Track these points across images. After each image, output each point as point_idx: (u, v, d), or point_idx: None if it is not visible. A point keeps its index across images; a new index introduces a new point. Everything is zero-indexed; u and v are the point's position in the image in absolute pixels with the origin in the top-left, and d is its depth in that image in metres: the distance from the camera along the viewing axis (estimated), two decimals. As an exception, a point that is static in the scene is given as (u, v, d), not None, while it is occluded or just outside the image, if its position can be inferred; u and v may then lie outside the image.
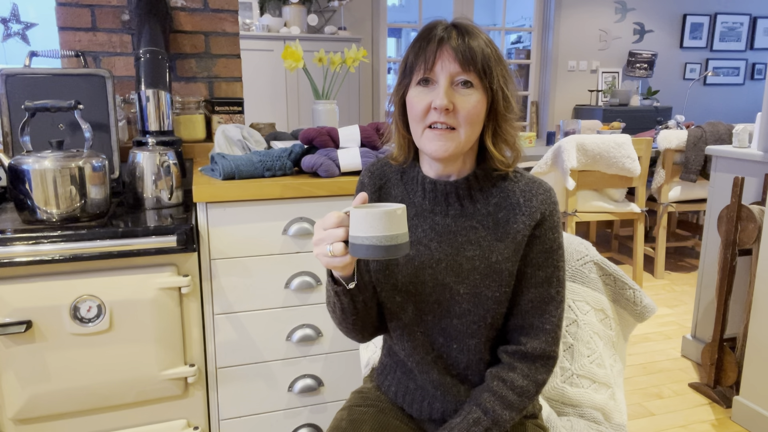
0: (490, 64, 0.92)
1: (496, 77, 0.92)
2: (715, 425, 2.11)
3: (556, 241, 0.98)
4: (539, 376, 0.99)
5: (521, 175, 1.00)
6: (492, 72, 0.92)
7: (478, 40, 0.92)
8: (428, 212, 1.02)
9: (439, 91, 0.91)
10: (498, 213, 0.98)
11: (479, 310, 0.98)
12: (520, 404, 0.97)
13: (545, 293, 0.98)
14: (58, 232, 1.28)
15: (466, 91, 0.92)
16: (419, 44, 0.94)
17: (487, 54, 0.91)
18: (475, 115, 0.92)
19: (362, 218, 0.82)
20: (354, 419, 1.08)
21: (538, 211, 0.96)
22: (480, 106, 0.92)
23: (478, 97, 0.92)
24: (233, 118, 2.01)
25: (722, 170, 2.47)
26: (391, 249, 0.81)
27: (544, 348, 0.98)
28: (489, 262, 0.97)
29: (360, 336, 1.07)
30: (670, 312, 3.18)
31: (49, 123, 1.57)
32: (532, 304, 0.98)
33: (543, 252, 0.97)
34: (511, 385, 0.97)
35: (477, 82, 0.92)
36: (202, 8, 1.97)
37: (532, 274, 0.98)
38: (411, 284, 1.01)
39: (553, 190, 1.00)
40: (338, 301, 0.97)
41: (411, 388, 1.09)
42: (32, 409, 1.33)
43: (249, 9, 4.16)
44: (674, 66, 5.74)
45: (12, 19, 3.76)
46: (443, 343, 1.02)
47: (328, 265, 0.88)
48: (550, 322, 0.98)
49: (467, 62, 0.90)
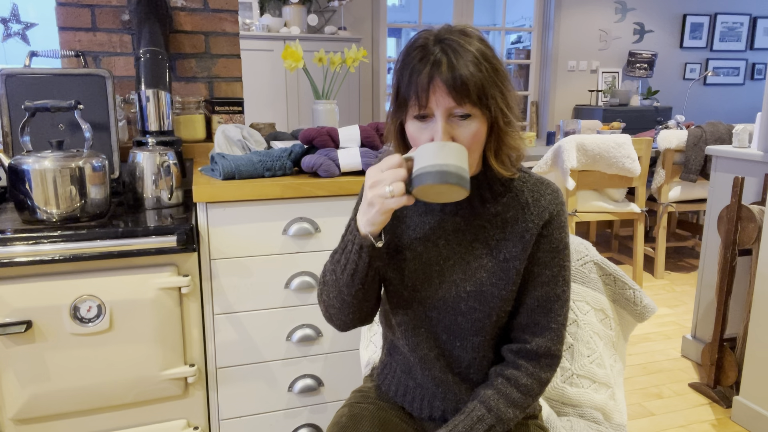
0: (486, 91, 0.87)
1: (493, 100, 0.88)
2: (715, 425, 2.11)
3: (563, 240, 0.99)
4: (543, 374, 0.99)
5: (529, 175, 1.01)
6: (488, 97, 0.88)
7: (469, 62, 0.86)
8: (438, 211, 1.02)
9: (437, 127, 0.88)
10: (507, 212, 0.99)
11: (485, 308, 0.99)
12: (523, 402, 0.98)
13: (551, 292, 0.99)
14: (58, 232, 1.28)
15: (465, 122, 0.88)
16: (409, 73, 0.88)
17: (480, 79, 0.86)
18: (476, 142, 0.91)
19: (437, 148, 0.86)
20: (354, 415, 1.09)
21: (546, 210, 0.97)
22: (480, 133, 0.90)
23: (477, 125, 0.89)
24: (233, 118, 2.01)
25: (722, 170, 2.47)
26: (460, 177, 0.85)
27: (549, 346, 0.99)
28: (497, 261, 0.98)
29: (348, 314, 1.02)
30: (670, 312, 3.18)
31: (49, 123, 1.57)
32: (538, 302, 0.99)
33: (550, 251, 0.98)
34: (515, 383, 0.98)
35: (475, 111, 0.88)
36: (202, 8, 1.97)
37: (538, 272, 0.99)
38: (418, 280, 1.02)
39: (560, 191, 1.01)
40: (357, 261, 0.95)
41: (411, 386, 1.10)
42: (32, 409, 1.33)
43: (249, 9, 4.16)
44: (674, 66, 5.74)
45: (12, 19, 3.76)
46: (446, 340, 1.03)
47: (384, 206, 0.88)
48: (556, 321, 0.99)
49: (461, 95, 0.86)
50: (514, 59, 5.74)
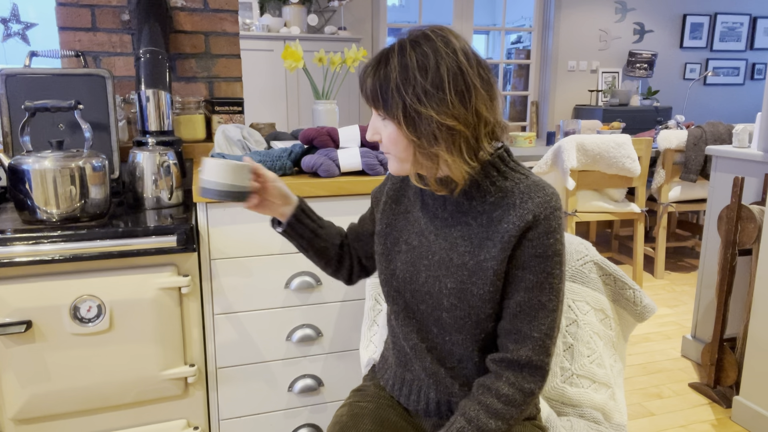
0: (387, 95, 0.90)
1: (396, 104, 0.89)
2: (715, 425, 2.11)
3: (552, 247, 0.94)
4: (526, 385, 0.96)
5: (527, 177, 0.98)
6: (390, 101, 0.90)
7: (387, 69, 0.89)
8: (430, 205, 1.04)
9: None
10: (494, 211, 0.97)
11: (465, 306, 0.98)
12: (506, 413, 0.95)
13: (535, 299, 0.95)
14: (58, 232, 1.28)
15: (385, 122, 0.94)
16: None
17: (384, 86, 0.90)
18: (392, 143, 0.94)
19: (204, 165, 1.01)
20: (355, 414, 1.10)
21: (530, 213, 0.93)
22: (395, 135, 0.93)
23: (392, 127, 0.93)
24: (233, 118, 2.01)
25: (722, 170, 2.47)
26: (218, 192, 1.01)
27: (530, 356, 0.95)
28: (477, 260, 0.97)
29: (319, 264, 1.21)
30: (670, 312, 3.18)
31: (49, 123, 1.57)
32: (521, 308, 0.96)
33: (535, 256, 0.94)
34: (496, 393, 0.95)
35: (387, 116, 0.93)
36: (202, 8, 1.97)
37: (522, 277, 0.96)
38: (407, 273, 1.04)
39: (556, 196, 0.95)
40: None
41: (408, 379, 1.11)
42: (32, 409, 1.33)
43: (249, 9, 4.16)
44: (674, 66, 5.74)
45: (12, 19, 3.76)
46: (437, 333, 1.04)
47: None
48: (539, 330, 0.95)
49: (369, 100, 0.94)
50: (514, 59, 5.73)
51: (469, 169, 0.92)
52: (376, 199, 1.16)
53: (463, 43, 0.92)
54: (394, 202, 1.10)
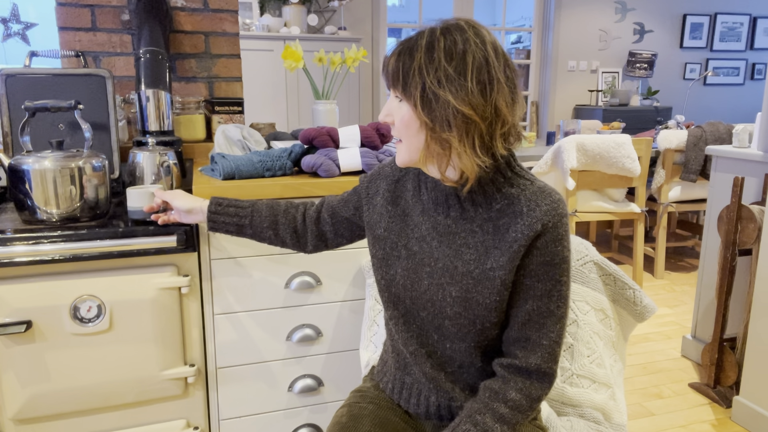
0: (408, 75, 0.89)
1: (415, 85, 0.89)
2: (715, 425, 2.12)
3: (560, 254, 0.94)
4: (534, 392, 0.96)
5: (531, 183, 0.96)
6: (410, 80, 0.89)
7: (410, 48, 0.90)
8: (431, 211, 1.02)
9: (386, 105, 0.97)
10: (500, 219, 0.96)
11: (469, 315, 0.97)
12: (512, 418, 0.95)
13: (544, 307, 0.95)
14: (58, 232, 1.28)
15: (401, 104, 0.93)
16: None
17: (407, 66, 0.90)
18: (404, 126, 0.93)
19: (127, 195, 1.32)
20: (354, 414, 1.09)
21: (539, 221, 0.92)
22: (408, 117, 0.91)
23: (407, 108, 0.92)
24: (233, 118, 2.01)
25: (722, 170, 2.47)
26: (140, 214, 1.32)
27: (539, 364, 0.95)
28: (483, 268, 0.96)
29: (265, 243, 1.28)
30: (670, 312, 3.18)
31: (49, 123, 1.57)
32: (530, 316, 0.96)
33: (544, 264, 0.94)
34: (503, 398, 0.95)
35: (403, 95, 0.92)
36: (202, 8, 1.97)
37: (531, 285, 0.95)
38: (408, 279, 1.02)
39: (562, 202, 0.95)
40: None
41: (408, 382, 1.10)
42: (32, 409, 1.33)
43: (249, 9, 4.16)
44: (674, 66, 5.74)
45: (12, 19, 3.76)
46: (437, 339, 1.03)
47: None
48: (548, 338, 0.95)
49: (389, 79, 0.94)
50: (514, 59, 5.73)
51: (480, 163, 0.90)
52: (366, 192, 1.13)
53: (495, 38, 0.92)
54: (390, 203, 1.08)
